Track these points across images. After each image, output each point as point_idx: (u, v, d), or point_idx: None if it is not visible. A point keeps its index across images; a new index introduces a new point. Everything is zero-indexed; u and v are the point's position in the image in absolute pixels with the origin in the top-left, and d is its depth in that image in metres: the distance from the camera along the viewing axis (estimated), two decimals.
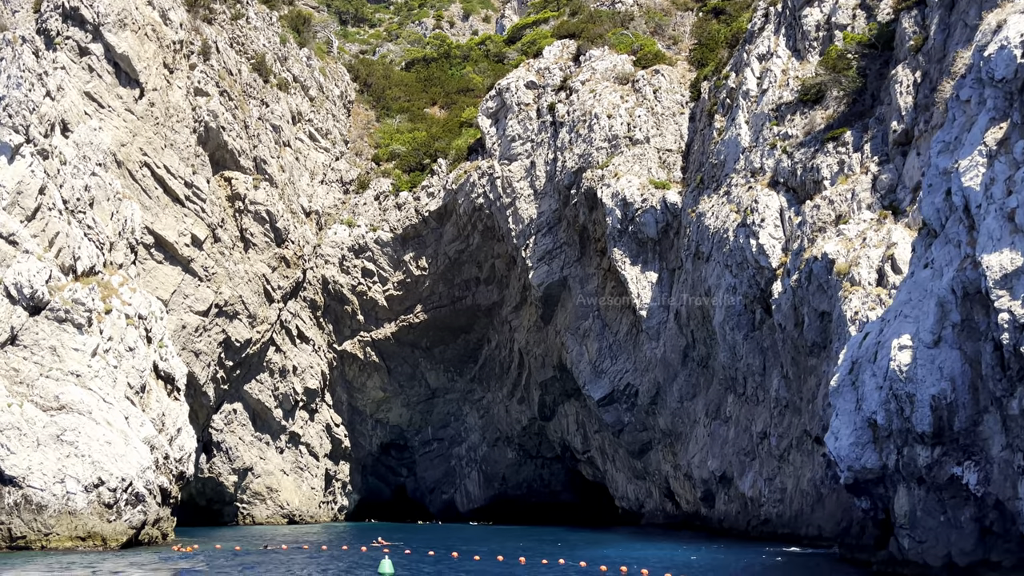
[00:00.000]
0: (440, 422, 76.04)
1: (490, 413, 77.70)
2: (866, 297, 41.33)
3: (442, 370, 77.20)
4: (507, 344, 74.68)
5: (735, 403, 54.46)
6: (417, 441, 76.77)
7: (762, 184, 52.58)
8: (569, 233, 66.36)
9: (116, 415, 37.81)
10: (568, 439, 72.04)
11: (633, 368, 63.86)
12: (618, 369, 64.28)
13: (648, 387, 62.63)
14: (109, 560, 30.25)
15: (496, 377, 76.66)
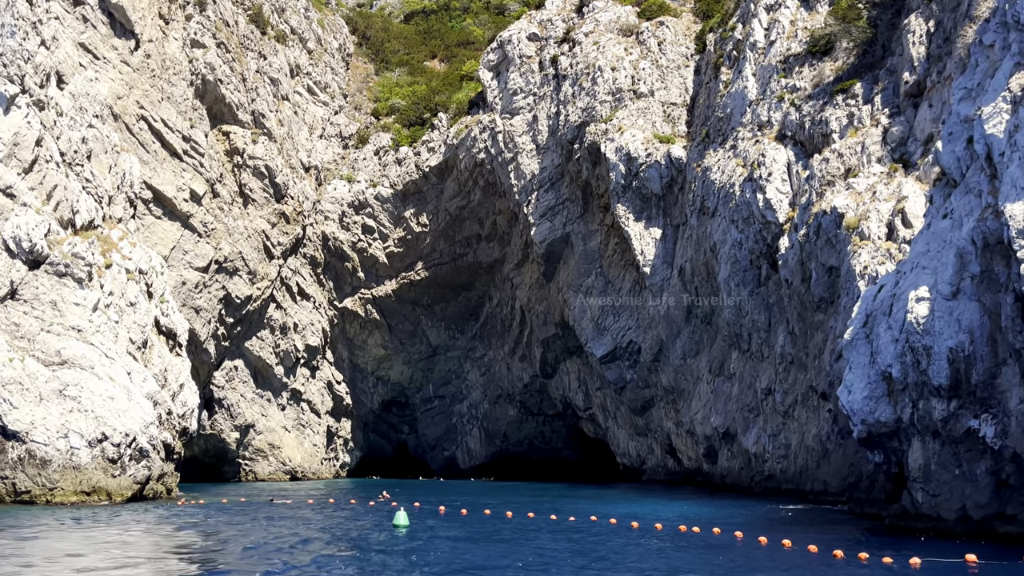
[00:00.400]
0: (441, 380, 76.00)
1: (491, 371, 77.55)
2: (875, 251, 40.93)
3: (443, 328, 76.89)
4: (509, 301, 74.34)
5: (739, 359, 54.27)
6: (418, 398, 76.77)
7: (769, 138, 51.92)
8: (572, 189, 65.70)
9: (118, 370, 37.44)
10: (570, 396, 72.00)
11: (636, 325, 63.59)
12: (621, 326, 64.00)
13: (651, 344, 62.40)
14: (120, 514, 30.04)
15: (497, 335, 76.40)
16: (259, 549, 19.60)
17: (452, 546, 21.23)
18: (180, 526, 25.37)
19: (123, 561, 18.15)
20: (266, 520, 27.33)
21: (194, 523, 25.79)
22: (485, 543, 21.05)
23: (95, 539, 22.92)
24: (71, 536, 22.91)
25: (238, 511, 30.64)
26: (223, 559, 18.85)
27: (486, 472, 75.32)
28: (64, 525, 25.98)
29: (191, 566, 17.59)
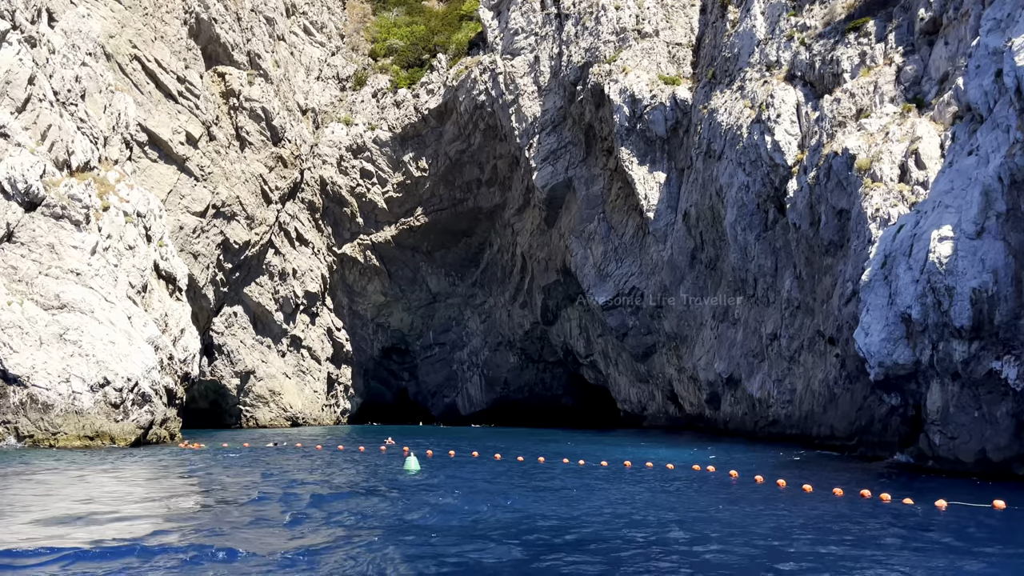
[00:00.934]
0: (441, 327, 75.41)
1: (492, 318, 77.14)
2: (888, 193, 40.25)
3: (443, 274, 76.29)
4: (509, 248, 73.67)
5: (744, 305, 53.84)
6: (418, 345, 76.31)
7: (778, 78, 50.91)
8: (574, 132, 64.66)
9: (118, 314, 36.82)
10: (571, 343, 71.73)
11: (639, 271, 63.04)
12: (623, 272, 63.46)
13: (654, 290, 61.91)
14: (126, 458, 29.67)
15: (498, 281, 75.85)
16: (282, 495, 19.14)
17: (473, 488, 20.81)
18: (192, 470, 24.92)
19: (146, 502, 17.73)
20: (279, 466, 26.87)
21: (205, 467, 25.34)
22: (523, 491, 20.60)
23: (118, 479, 22.53)
24: (95, 478, 22.46)
25: (247, 456, 30.23)
26: (241, 504, 18.41)
27: (486, 419, 74.81)
28: (80, 466, 25.55)
29: (225, 507, 17.15)
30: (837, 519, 17.04)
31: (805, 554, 13.07)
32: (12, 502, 16.42)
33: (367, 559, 11.06)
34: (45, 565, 10.92)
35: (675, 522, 16.16)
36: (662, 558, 12.29)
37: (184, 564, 11.00)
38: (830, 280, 44.24)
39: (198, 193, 57.44)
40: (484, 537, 13.50)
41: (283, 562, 11.14)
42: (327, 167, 69.82)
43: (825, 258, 44.53)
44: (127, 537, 13.27)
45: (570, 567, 11.93)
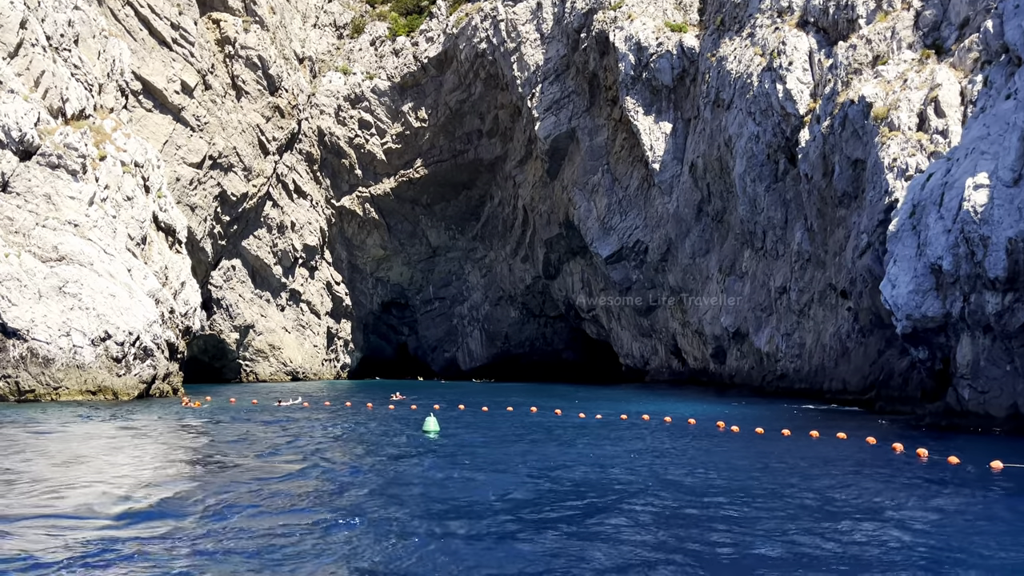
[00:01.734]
0: (441, 281, 75.00)
1: (492, 272, 76.23)
2: (905, 143, 39.32)
3: (443, 228, 75.19)
4: (511, 201, 72.52)
5: (752, 258, 53.05)
6: (418, 300, 75.91)
7: (790, 24, 49.64)
8: (578, 81, 63.26)
9: (118, 267, 35.82)
10: (572, 298, 70.91)
11: (643, 224, 62.09)
12: (628, 225, 62.53)
13: (659, 244, 61.06)
14: (131, 411, 28.85)
15: (499, 235, 74.85)
16: (313, 465, 18.13)
17: (491, 448, 20.03)
18: (206, 428, 24.08)
19: (166, 458, 16.97)
20: (295, 423, 26.04)
21: (220, 431, 24.49)
22: (548, 443, 19.82)
23: (133, 434, 21.74)
24: (107, 431, 21.65)
25: (258, 416, 29.37)
26: (255, 462, 17.58)
27: (486, 373, 74.84)
28: (91, 419, 24.70)
29: (254, 461, 16.33)
30: (908, 480, 16.25)
31: (891, 520, 12.30)
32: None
33: (414, 541, 10.22)
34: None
35: (742, 476, 15.41)
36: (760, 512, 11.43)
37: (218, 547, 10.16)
38: (843, 232, 43.43)
39: (194, 144, 56.10)
40: (533, 503, 12.70)
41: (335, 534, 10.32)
42: (325, 117, 68.37)
43: (838, 210, 43.68)
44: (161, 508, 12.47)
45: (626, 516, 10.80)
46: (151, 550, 9.81)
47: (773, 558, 9.83)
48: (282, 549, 9.90)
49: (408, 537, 10.46)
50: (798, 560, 9.77)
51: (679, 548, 10.16)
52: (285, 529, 10.80)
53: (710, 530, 11.06)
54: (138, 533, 10.84)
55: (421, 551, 9.65)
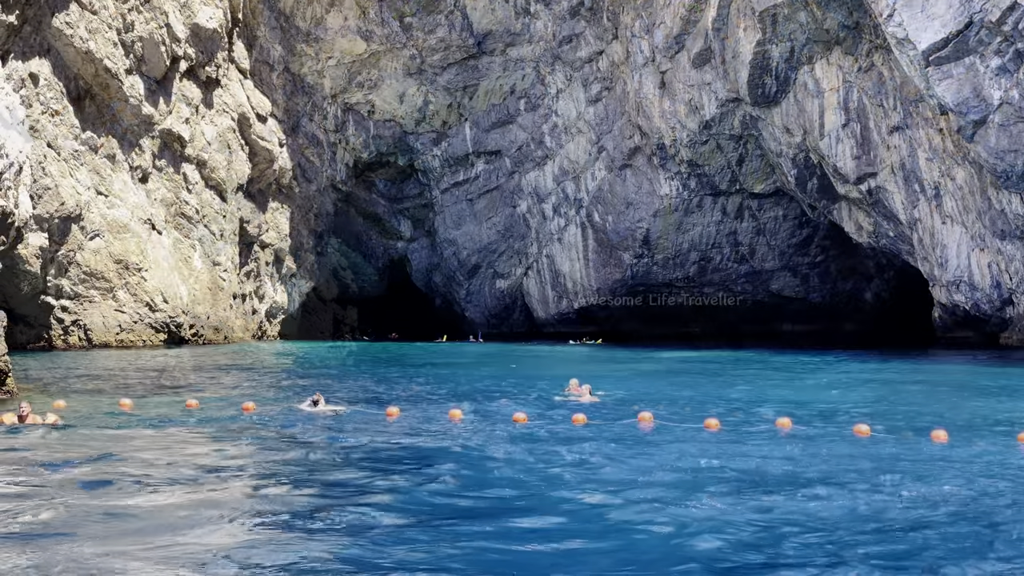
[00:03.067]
0: (493, 113, 54.68)
1: (614, 91, 50.08)
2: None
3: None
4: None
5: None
6: (438, 158, 57.36)
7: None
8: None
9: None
10: (819, 144, 40.13)
11: None
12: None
13: None
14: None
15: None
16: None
17: None
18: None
19: None
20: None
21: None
22: None
23: None
24: None
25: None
26: None
27: (596, 327, 54.45)
28: None
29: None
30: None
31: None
32: None
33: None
34: None
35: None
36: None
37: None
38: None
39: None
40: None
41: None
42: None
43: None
44: None
45: None
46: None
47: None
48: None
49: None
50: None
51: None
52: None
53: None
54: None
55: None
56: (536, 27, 50.17)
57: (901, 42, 30.48)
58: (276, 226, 52.59)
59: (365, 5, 50.35)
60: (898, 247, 39.03)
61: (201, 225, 47.40)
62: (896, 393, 20.56)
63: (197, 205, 47.39)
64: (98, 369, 29.52)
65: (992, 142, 29.76)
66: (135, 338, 44.83)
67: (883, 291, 49.91)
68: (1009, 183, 30.20)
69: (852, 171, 37.52)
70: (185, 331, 46.39)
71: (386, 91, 55.08)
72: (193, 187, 47.20)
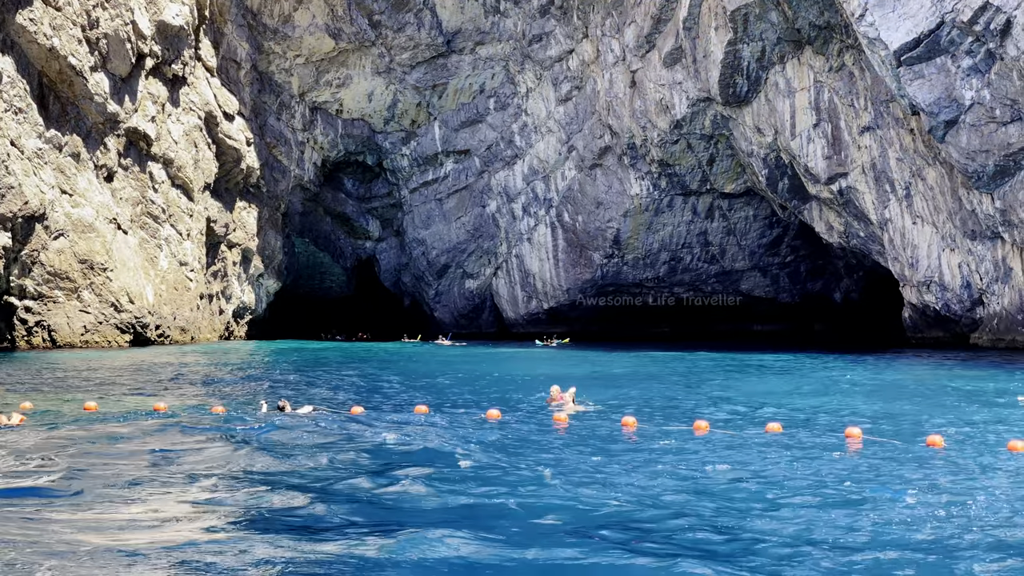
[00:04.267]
0: (463, 112, 54.59)
1: (584, 90, 49.54)
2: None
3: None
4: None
5: None
6: (406, 157, 56.97)
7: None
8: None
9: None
10: (791, 145, 39.65)
11: None
12: None
13: None
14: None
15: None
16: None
17: None
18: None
19: None
20: None
21: None
22: None
23: None
24: None
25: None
26: None
27: (567, 327, 54.56)
28: None
29: None
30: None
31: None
32: None
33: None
34: None
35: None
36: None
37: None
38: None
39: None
40: None
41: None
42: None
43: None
44: None
45: None
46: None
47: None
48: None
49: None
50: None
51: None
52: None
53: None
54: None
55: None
56: (506, 25, 49.64)
57: (872, 42, 30.47)
58: (243, 225, 51.89)
59: (334, 3, 49.92)
60: (868, 247, 39.06)
61: (167, 224, 46.87)
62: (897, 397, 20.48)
63: (163, 204, 46.70)
64: (64, 370, 28.87)
65: (963, 142, 29.76)
66: (100, 339, 44.66)
67: (852, 291, 49.94)
68: (980, 183, 30.25)
69: (823, 171, 37.53)
70: (151, 332, 45.90)
71: (355, 89, 54.76)
72: (159, 186, 46.89)
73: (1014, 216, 29.94)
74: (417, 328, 61.32)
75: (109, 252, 45.16)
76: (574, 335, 53.73)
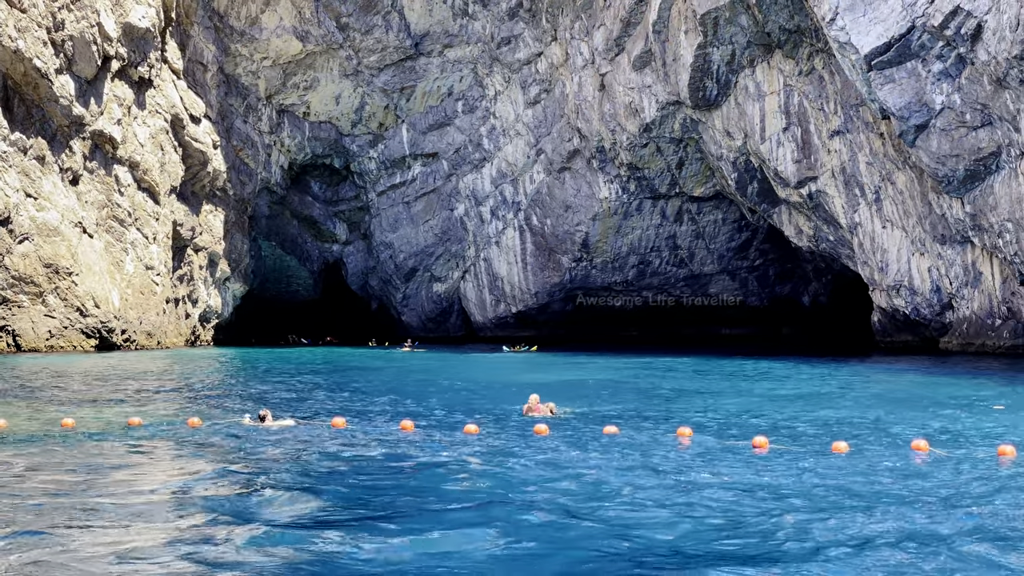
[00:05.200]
0: (431, 116, 53.90)
1: (553, 93, 48.90)
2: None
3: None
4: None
5: None
6: (374, 160, 56.25)
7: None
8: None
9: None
10: (758, 147, 39.33)
11: None
12: None
13: None
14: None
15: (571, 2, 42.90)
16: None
17: None
18: None
19: None
20: None
21: None
22: None
23: None
24: None
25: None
26: None
27: (534, 331, 54.35)
28: None
29: None
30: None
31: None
32: None
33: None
34: None
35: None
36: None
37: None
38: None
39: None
40: None
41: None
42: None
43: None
44: None
45: None
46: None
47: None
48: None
49: None
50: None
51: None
52: None
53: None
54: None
55: None
56: (474, 28, 49.07)
57: (843, 46, 30.32)
58: (210, 229, 51.07)
59: (301, 5, 48.93)
60: (838, 251, 38.84)
61: (133, 228, 45.70)
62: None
63: (129, 208, 46.32)
64: (32, 379, 27.50)
65: (934, 147, 29.68)
66: (65, 343, 43.87)
67: (821, 295, 49.77)
68: (950, 188, 30.21)
69: (793, 175, 37.31)
70: (117, 336, 45.26)
71: (322, 92, 54.06)
72: (125, 189, 45.53)
73: (984, 220, 29.95)
74: (384, 333, 60.27)
75: (75, 256, 44.05)
76: (542, 339, 52.95)
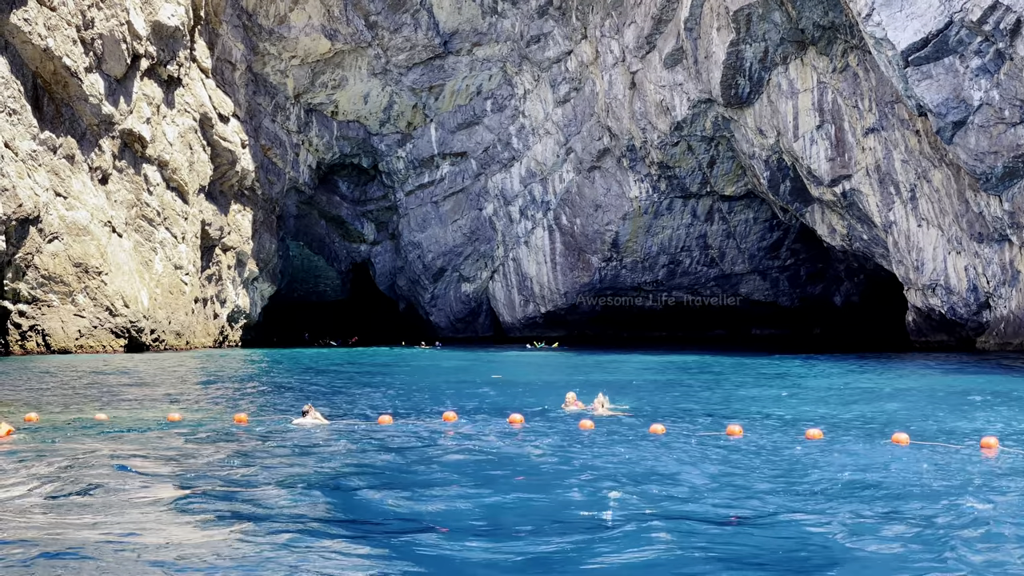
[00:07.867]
0: (459, 114, 53.61)
1: (583, 91, 48.29)
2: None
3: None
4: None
5: None
6: (402, 159, 56.06)
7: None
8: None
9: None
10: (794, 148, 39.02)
11: None
12: None
13: None
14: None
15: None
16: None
17: None
18: None
19: None
20: None
21: None
22: None
23: None
24: None
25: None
26: None
27: (562, 330, 53.99)
28: None
29: None
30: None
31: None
32: None
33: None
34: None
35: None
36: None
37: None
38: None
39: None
40: None
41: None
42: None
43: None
44: None
45: None
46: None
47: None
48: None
49: None
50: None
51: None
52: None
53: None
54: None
55: None
56: (503, 26, 48.80)
57: (879, 42, 29.91)
58: (238, 228, 50.92)
59: (329, 3, 48.91)
60: (872, 250, 38.35)
61: (162, 227, 45.80)
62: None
63: (158, 207, 45.60)
64: (63, 376, 27.92)
65: (972, 144, 29.22)
66: (95, 344, 43.76)
67: (853, 295, 49.24)
68: (988, 185, 29.73)
69: (826, 173, 36.86)
70: (146, 336, 44.95)
71: (350, 91, 53.72)
72: (154, 189, 45.45)
73: (1023, 218, 29.54)
74: (412, 333, 60.07)
75: (104, 255, 44.15)
76: (571, 339, 52.53)
